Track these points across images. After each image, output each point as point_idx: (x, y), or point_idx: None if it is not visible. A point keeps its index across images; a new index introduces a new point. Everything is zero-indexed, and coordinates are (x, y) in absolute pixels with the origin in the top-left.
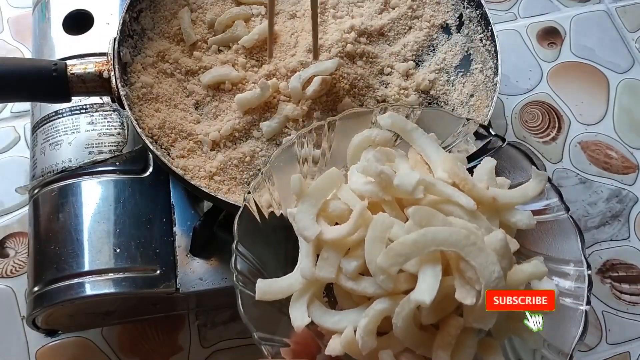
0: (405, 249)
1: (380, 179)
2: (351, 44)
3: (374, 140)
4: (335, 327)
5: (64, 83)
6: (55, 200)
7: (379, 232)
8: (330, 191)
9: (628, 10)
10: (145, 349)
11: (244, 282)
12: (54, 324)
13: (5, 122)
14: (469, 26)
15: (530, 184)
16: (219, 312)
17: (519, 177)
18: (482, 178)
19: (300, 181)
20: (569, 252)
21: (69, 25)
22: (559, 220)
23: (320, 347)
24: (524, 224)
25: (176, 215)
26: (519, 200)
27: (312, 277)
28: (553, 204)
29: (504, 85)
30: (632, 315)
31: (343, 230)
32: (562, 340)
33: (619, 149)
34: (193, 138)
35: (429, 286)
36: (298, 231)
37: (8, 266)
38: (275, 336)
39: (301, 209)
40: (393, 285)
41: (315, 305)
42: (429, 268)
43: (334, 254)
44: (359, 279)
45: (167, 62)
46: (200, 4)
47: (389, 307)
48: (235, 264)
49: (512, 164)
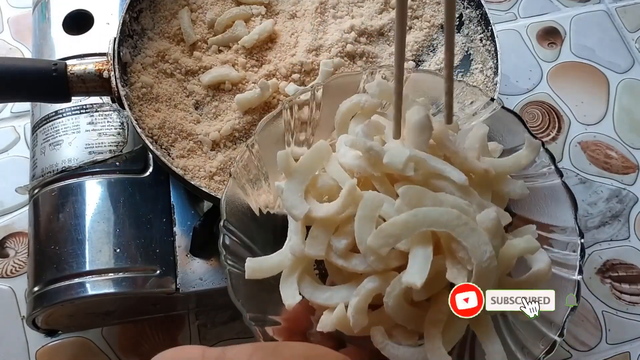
0: (396, 230)
1: (369, 155)
2: (351, 44)
3: (362, 106)
4: (327, 303)
5: (64, 83)
6: (55, 200)
7: (369, 210)
8: (319, 167)
9: (628, 10)
10: (145, 349)
11: (232, 261)
12: (54, 324)
13: (5, 122)
14: (469, 26)
15: (523, 152)
16: (219, 312)
17: (510, 142)
18: (474, 146)
19: (287, 157)
20: (561, 219)
21: (69, 25)
22: (552, 186)
23: (312, 322)
24: (517, 194)
25: (176, 215)
26: (512, 170)
27: (302, 254)
28: (546, 169)
29: (504, 85)
30: (632, 315)
31: (332, 208)
32: (554, 311)
33: (619, 149)
34: (193, 138)
35: (419, 268)
36: (286, 209)
37: (8, 266)
38: (266, 315)
39: (289, 186)
40: (383, 266)
41: (305, 281)
42: (420, 249)
43: (323, 231)
44: (349, 256)
45: (167, 62)
46: (200, 4)
47: (379, 286)
48: (224, 242)
49: (504, 128)
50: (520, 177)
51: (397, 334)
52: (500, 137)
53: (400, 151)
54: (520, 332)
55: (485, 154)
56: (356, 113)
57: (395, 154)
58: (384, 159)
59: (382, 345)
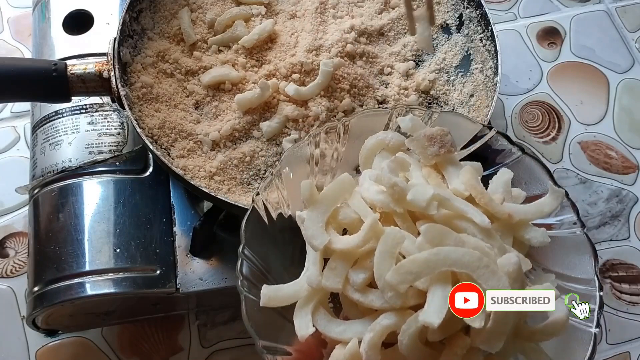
0: (415, 267)
1: (393, 191)
2: (351, 44)
3: (387, 143)
4: (340, 337)
5: (64, 83)
6: (55, 200)
7: (390, 246)
8: (341, 199)
9: (628, 10)
10: (145, 349)
11: (248, 288)
12: (54, 324)
13: (5, 122)
14: (469, 26)
15: (547, 199)
16: (219, 312)
17: (534, 189)
18: (498, 190)
19: (310, 187)
20: (581, 270)
21: (69, 25)
22: (573, 237)
23: (323, 355)
24: (538, 242)
25: (176, 215)
26: (535, 217)
27: (319, 286)
28: (568, 219)
29: (504, 85)
30: (632, 315)
31: (353, 241)
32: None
33: (619, 149)
34: (193, 138)
35: (437, 307)
36: (307, 239)
37: (8, 266)
38: (278, 344)
39: (310, 216)
40: (401, 302)
41: (320, 313)
42: (439, 288)
43: (341, 264)
44: (367, 290)
45: (167, 62)
46: (200, 4)
47: (395, 323)
48: (241, 268)
49: (528, 175)
50: (542, 225)
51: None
52: (523, 184)
53: (424, 189)
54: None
55: (508, 199)
56: (381, 149)
57: (420, 191)
58: (407, 196)
59: None
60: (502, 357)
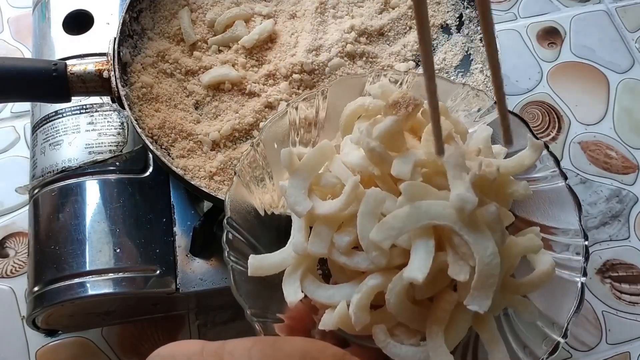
0: (398, 223)
1: (372, 154)
2: (351, 44)
3: (367, 108)
4: (329, 302)
5: (64, 83)
6: (55, 200)
7: (372, 207)
8: (322, 165)
9: (628, 10)
10: (145, 349)
11: (236, 258)
12: (54, 324)
13: (5, 122)
14: (469, 26)
15: (526, 152)
16: (219, 312)
17: (515, 144)
18: (478, 147)
19: (290, 154)
20: (565, 221)
21: (69, 25)
22: (556, 189)
23: (315, 322)
24: (520, 194)
25: (176, 215)
26: (515, 170)
27: (305, 252)
28: (550, 172)
29: (504, 85)
30: (632, 315)
31: (335, 205)
32: (557, 312)
33: (618, 149)
34: (193, 138)
35: (421, 263)
36: (290, 206)
37: (8, 266)
38: (268, 312)
39: (292, 184)
40: (386, 261)
41: (308, 279)
42: (422, 243)
43: (326, 229)
44: (352, 253)
45: (167, 62)
46: (200, 4)
47: (381, 283)
48: (227, 238)
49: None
50: (523, 179)
51: (399, 333)
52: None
53: (405, 158)
54: (523, 333)
55: (488, 156)
56: (361, 115)
57: (402, 165)
58: (392, 171)
59: (384, 344)
60: (490, 311)
